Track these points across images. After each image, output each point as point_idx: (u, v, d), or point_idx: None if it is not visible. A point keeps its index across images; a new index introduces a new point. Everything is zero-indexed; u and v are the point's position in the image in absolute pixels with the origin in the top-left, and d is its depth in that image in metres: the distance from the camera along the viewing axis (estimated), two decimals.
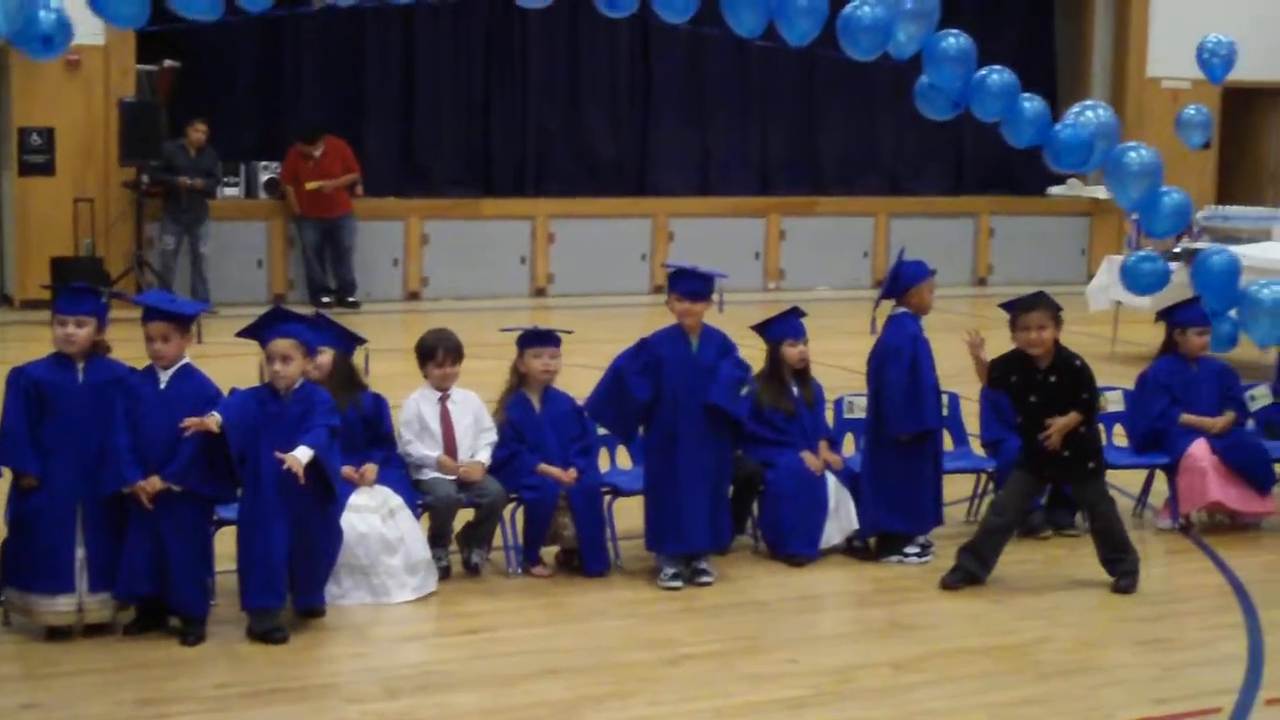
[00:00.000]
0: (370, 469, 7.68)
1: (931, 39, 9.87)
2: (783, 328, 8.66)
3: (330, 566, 7.30)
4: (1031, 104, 10.09)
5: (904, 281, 8.39)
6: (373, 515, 7.53)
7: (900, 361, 8.22)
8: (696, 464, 7.88)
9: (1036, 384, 7.90)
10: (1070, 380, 7.88)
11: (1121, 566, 7.94)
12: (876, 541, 8.44)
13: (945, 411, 8.89)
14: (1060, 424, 7.81)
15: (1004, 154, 21.39)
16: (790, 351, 8.60)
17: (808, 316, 8.75)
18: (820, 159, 21.54)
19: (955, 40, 9.93)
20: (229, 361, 8.03)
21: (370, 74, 19.27)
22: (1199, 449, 8.98)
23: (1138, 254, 11.04)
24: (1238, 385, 9.36)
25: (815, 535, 8.34)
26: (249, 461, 6.99)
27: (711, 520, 7.97)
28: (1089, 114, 10.26)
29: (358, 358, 8.04)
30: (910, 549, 8.36)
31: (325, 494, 7.10)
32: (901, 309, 8.40)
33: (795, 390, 8.61)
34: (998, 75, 10.07)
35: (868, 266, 20.99)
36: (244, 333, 7.28)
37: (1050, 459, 7.89)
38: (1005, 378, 8.01)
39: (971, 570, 7.95)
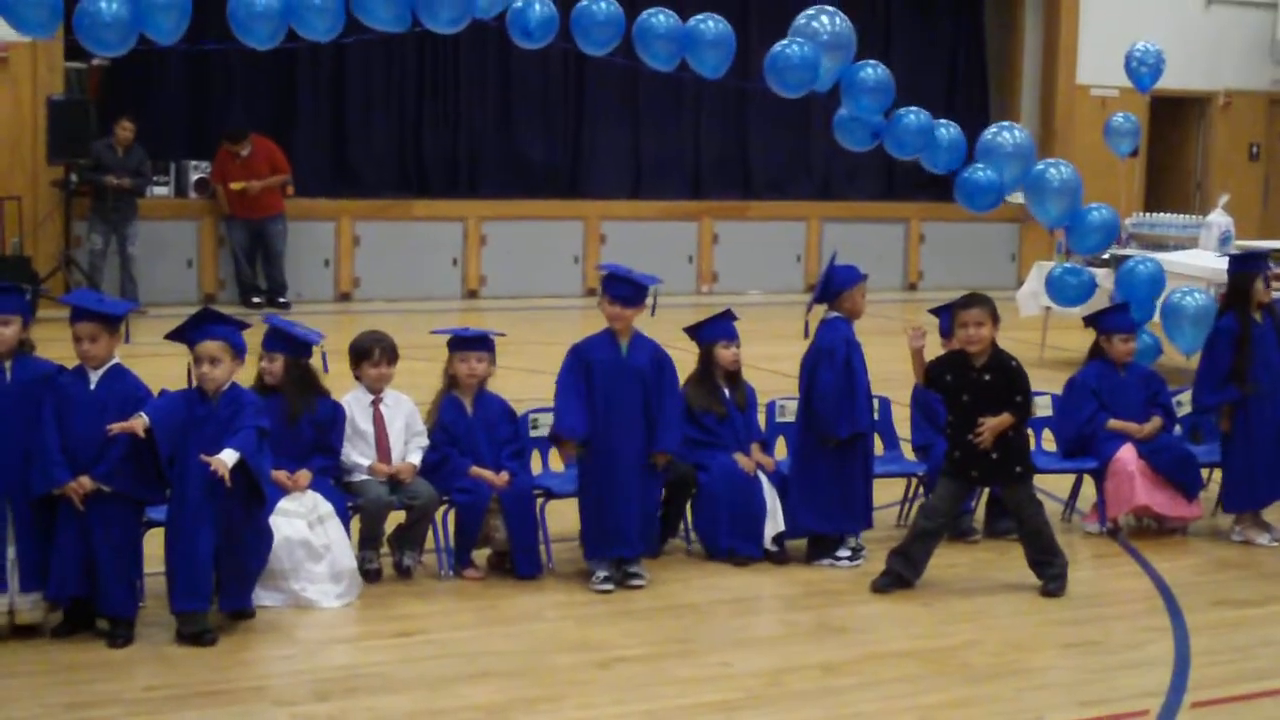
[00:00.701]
0: (303, 475, 7.62)
1: (849, 70, 9.96)
2: (716, 330, 8.68)
3: (259, 569, 7.25)
4: (948, 131, 10.23)
5: (836, 286, 8.42)
6: (300, 521, 7.48)
7: (834, 364, 8.25)
8: (629, 467, 7.89)
9: (971, 383, 7.94)
10: (1005, 380, 7.93)
11: (1050, 570, 8.00)
12: (807, 544, 8.46)
13: (876, 415, 8.94)
14: (993, 423, 7.86)
15: None
16: (723, 354, 8.62)
17: (740, 320, 8.77)
18: (753, 163, 21.60)
19: (873, 71, 10.03)
20: (158, 362, 7.96)
21: (301, 73, 19.16)
22: (1126, 454, 9.06)
23: (1063, 266, 11.16)
24: (1165, 391, 9.44)
25: (757, 535, 8.36)
26: (176, 464, 6.94)
27: (643, 523, 7.99)
28: (1005, 135, 10.39)
29: (316, 359, 7.96)
30: (841, 552, 8.39)
31: (253, 497, 7.05)
32: (834, 313, 8.43)
33: (727, 393, 8.63)
34: (914, 116, 10.21)
35: (800, 271, 21.07)
36: (172, 335, 7.22)
37: (978, 461, 7.94)
38: (941, 377, 8.05)
39: (901, 574, 7.99)
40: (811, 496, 8.33)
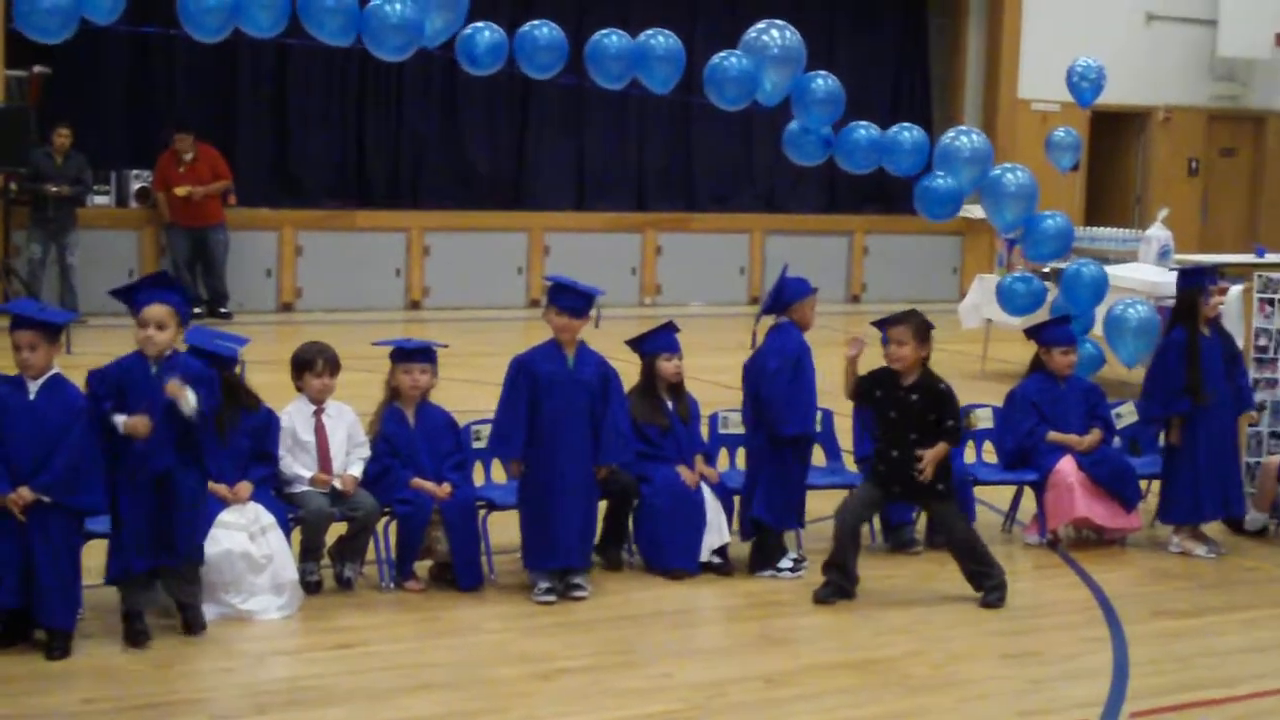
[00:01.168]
0: (244, 487, 7.58)
1: (800, 80, 9.99)
2: (657, 342, 8.68)
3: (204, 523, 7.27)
4: (911, 134, 10.27)
5: (787, 297, 8.43)
6: (240, 533, 7.43)
7: (785, 360, 8.24)
8: (572, 478, 7.88)
9: (898, 400, 8.00)
10: (931, 401, 7.99)
11: (988, 581, 8.04)
12: (750, 555, 8.47)
13: (819, 426, 8.97)
14: (931, 455, 7.91)
15: (878, 172, 21.69)
16: (665, 366, 8.62)
17: (682, 331, 8.77)
18: (696, 176, 21.65)
19: (824, 82, 10.06)
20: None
21: (243, 82, 19.09)
22: (1066, 465, 9.11)
23: (1013, 275, 11.20)
24: (1104, 403, 9.51)
25: (695, 549, 8.36)
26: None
27: (586, 535, 7.98)
28: (963, 140, 10.44)
29: (238, 370, 7.91)
30: (783, 563, 8.41)
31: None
32: (784, 318, 8.43)
33: (670, 405, 8.63)
34: (865, 131, 10.24)
35: (743, 283, 21.12)
36: (119, 292, 7.18)
37: (900, 478, 8.00)
38: (870, 392, 8.11)
39: (839, 584, 8.02)
40: (758, 491, 8.33)
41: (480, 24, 9.80)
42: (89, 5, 8.82)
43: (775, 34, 9.96)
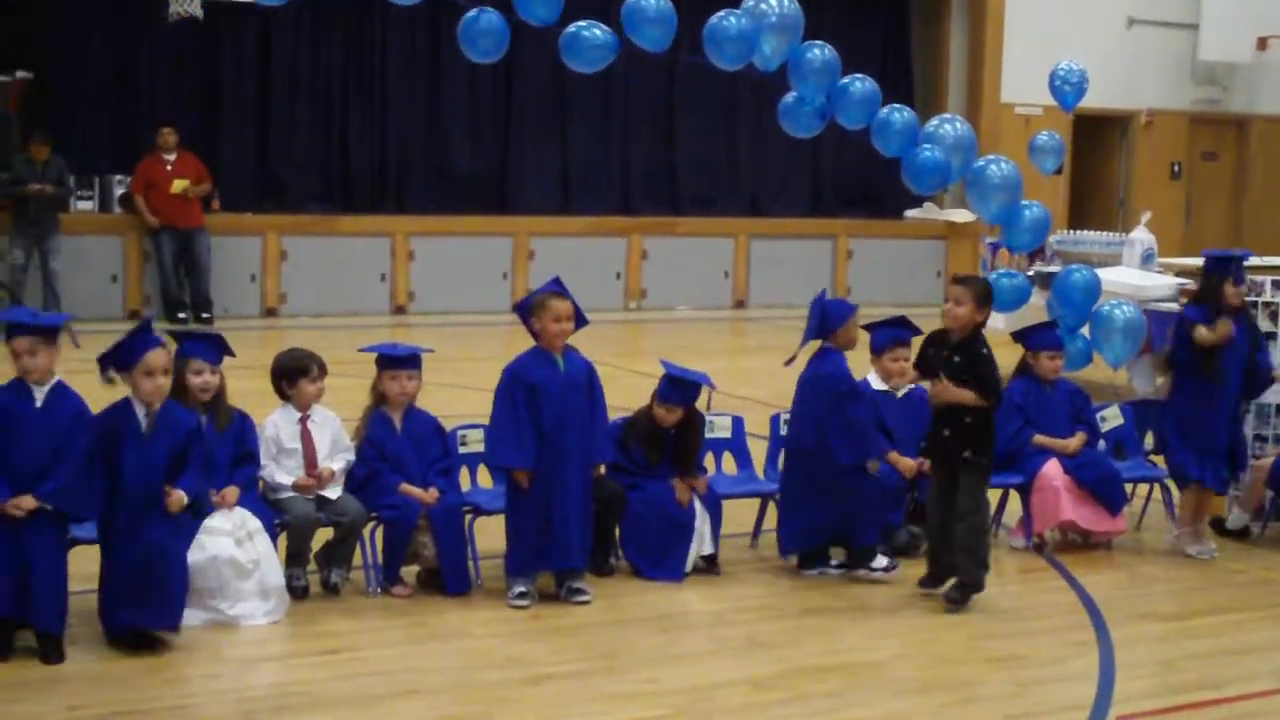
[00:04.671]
0: (231, 492, 7.54)
1: (797, 50, 9.97)
2: (663, 391, 8.57)
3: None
4: (901, 115, 10.26)
5: (833, 322, 8.40)
6: (226, 539, 7.40)
7: (854, 394, 8.37)
8: (575, 481, 7.88)
9: (944, 359, 8.04)
10: (969, 362, 7.95)
11: (964, 576, 7.99)
12: (848, 555, 8.49)
13: (730, 434, 9.12)
14: (948, 386, 7.90)
15: (862, 176, 21.75)
16: (665, 416, 8.55)
17: (668, 336, 8.75)
18: (681, 179, 21.66)
19: (820, 52, 10.03)
20: (79, 379, 7.86)
21: (226, 88, 19.09)
22: (1052, 469, 9.13)
23: (999, 271, 11.18)
24: (1089, 407, 9.53)
25: (681, 560, 8.36)
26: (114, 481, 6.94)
27: (584, 537, 7.98)
28: (947, 127, 10.44)
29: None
30: (878, 562, 8.43)
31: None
32: (828, 345, 8.42)
33: (671, 434, 8.56)
34: (861, 84, 10.20)
35: (728, 286, 21.13)
36: (112, 356, 7.11)
37: (933, 441, 8.07)
38: (925, 350, 8.19)
39: (936, 572, 8.16)
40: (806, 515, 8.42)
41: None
42: None
43: (774, 1, 9.93)
